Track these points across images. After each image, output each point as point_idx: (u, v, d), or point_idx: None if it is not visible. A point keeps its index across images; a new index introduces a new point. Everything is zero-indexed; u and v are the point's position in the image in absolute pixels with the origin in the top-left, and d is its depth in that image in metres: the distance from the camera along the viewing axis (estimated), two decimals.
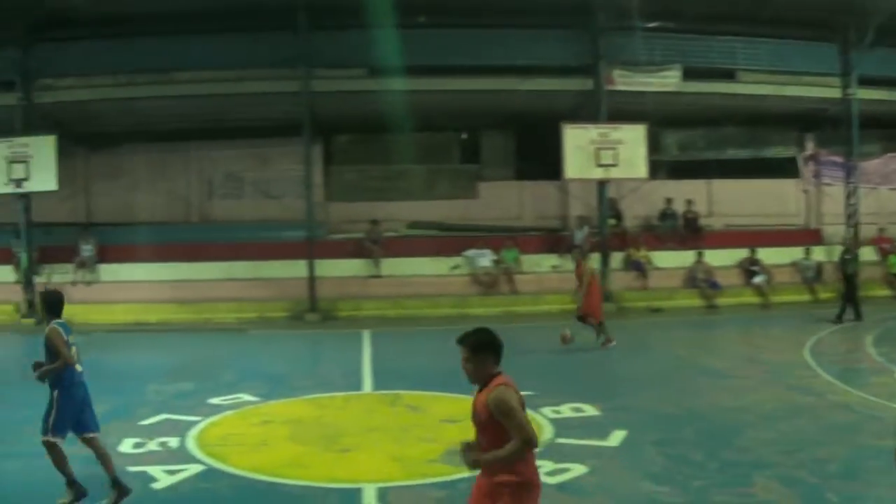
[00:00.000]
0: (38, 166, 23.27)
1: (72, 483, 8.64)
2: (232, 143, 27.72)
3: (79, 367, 8.84)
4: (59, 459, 8.64)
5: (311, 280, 23.61)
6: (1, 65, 23.52)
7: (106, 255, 25.34)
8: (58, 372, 8.58)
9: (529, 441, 5.55)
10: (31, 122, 23.78)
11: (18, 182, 23.42)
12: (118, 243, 25.62)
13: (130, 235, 25.97)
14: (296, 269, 23.65)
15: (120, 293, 24.34)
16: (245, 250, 24.82)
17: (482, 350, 5.75)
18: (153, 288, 24.18)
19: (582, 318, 17.77)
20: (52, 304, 9.16)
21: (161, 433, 11.24)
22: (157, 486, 9.18)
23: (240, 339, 20.88)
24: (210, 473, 9.56)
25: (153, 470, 9.61)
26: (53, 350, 8.58)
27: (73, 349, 8.73)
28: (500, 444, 5.56)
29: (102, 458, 8.80)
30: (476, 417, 5.67)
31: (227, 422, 12.09)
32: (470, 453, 5.59)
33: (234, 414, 12.51)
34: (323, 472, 9.44)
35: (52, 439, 8.55)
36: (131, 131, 27.12)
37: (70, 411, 8.64)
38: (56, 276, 24.92)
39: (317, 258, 23.68)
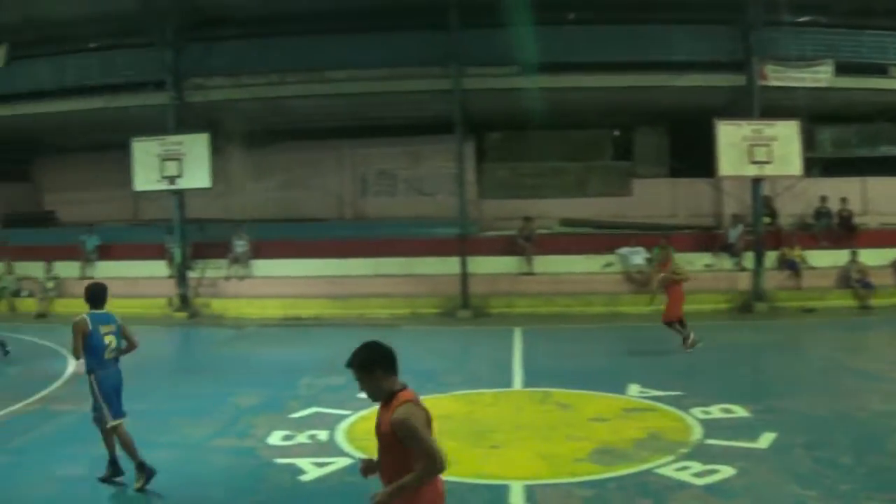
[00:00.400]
0: (192, 164, 23.98)
1: (112, 462, 9.47)
2: (385, 141, 28.13)
3: (109, 355, 9.47)
4: (112, 440, 9.46)
5: (464, 277, 23.71)
6: (154, 65, 24.37)
7: (259, 250, 25.97)
8: (88, 361, 9.38)
9: (437, 465, 5.17)
10: (184, 121, 24.50)
11: (172, 179, 24.16)
12: (271, 239, 26.26)
13: (284, 231, 26.74)
14: (448, 265, 23.76)
15: (273, 288, 24.98)
16: (397, 247, 25.10)
17: (369, 367, 5.40)
18: (306, 283, 24.70)
19: (670, 323, 17.35)
20: (93, 295, 9.71)
21: (311, 426, 11.55)
22: (305, 478, 9.44)
23: (391, 335, 20.72)
24: (358, 467, 9.70)
25: (302, 462, 9.90)
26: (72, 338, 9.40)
27: (109, 338, 9.42)
28: (404, 464, 5.20)
29: (125, 444, 9.40)
30: (380, 436, 5.34)
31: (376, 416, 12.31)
32: (374, 496, 5.19)
33: None
34: (471, 469, 9.41)
35: (113, 423, 9.34)
36: (284, 129, 27.80)
37: (112, 392, 9.40)
38: (209, 271, 25.90)
39: (469, 255, 23.79)
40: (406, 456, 5.14)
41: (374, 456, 5.34)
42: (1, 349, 18.38)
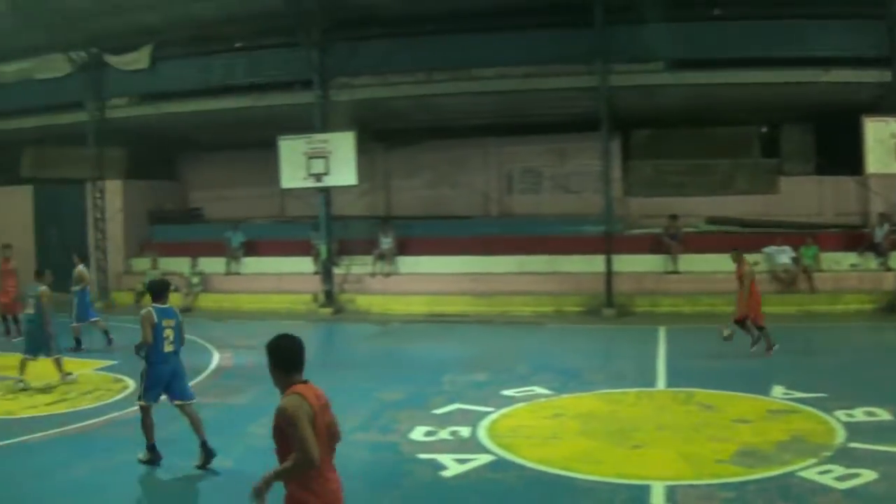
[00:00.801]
0: (338, 162, 24.38)
1: (151, 448, 10.56)
2: (531, 139, 28.27)
3: (168, 348, 10.62)
4: (146, 422, 10.62)
5: (608, 275, 23.62)
6: (300, 64, 25.00)
7: (405, 247, 26.55)
8: (147, 350, 10.52)
9: (307, 458, 5.27)
10: (330, 119, 25.07)
11: (319, 177, 24.63)
12: (417, 236, 26.82)
13: (429, 229, 27.19)
14: (593, 263, 23.75)
15: (418, 285, 25.45)
16: (542, 244, 25.30)
17: (271, 359, 5.70)
18: (451, 280, 25.08)
19: (741, 322, 17.07)
20: (155, 290, 11.06)
21: (453, 422, 11.85)
22: (446, 473, 9.73)
23: (535, 333, 21.22)
24: (499, 464, 10.01)
25: (443, 458, 10.21)
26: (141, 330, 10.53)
27: (168, 332, 10.60)
28: (286, 455, 5.38)
29: (193, 423, 10.61)
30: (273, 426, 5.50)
31: (519, 414, 12.54)
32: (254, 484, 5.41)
33: (526, 406, 12.95)
34: (612, 468, 9.60)
35: (143, 403, 10.62)
36: (430, 127, 28.25)
37: (155, 382, 10.61)
38: (355, 267, 26.55)
39: (614, 253, 23.69)
40: (289, 446, 5.37)
41: (515, 455, 5.65)
42: (105, 338, 19.45)
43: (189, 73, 27.15)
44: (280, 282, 27.25)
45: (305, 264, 27.26)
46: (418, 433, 11.37)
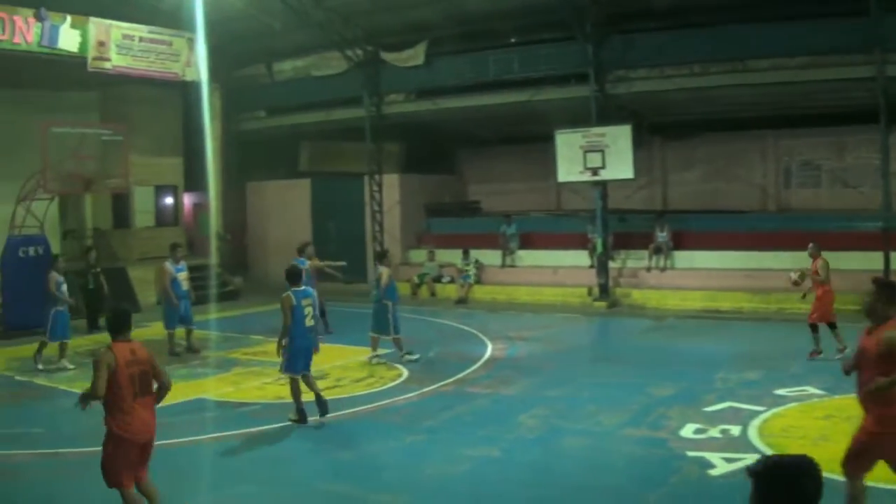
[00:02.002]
0: (614, 155, 25.24)
1: (300, 410, 13.05)
2: (807, 131, 28.34)
3: (309, 322, 13.34)
4: (294, 390, 13.13)
5: (886, 273, 22.88)
6: (575, 58, 26.05)
7: (681, 241, 27.00)
8: (288, 327, 13.09)
9: (92, 393, 8.22)
10: (605, 113, 25.89)
11: (595, 170, 25.64)
12: (693, 230, 27.30)
13: (705, 223, 27.68)
14: (870, 261, 23.38)
15: (693, 280, 25.79)
16: (821, 240, 24.37)
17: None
18: (726, 275, 25.25)
19: (814, 325, 17.14)
20: (291, 275, 13.62)
21: (723, 421, 12.31)
22: (713, 472, 10.21)
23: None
24: None
25: (712, 456, 10.68)
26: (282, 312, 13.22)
27: (308, 309, 13.27)
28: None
29: (310, 386, 13.22)
30: None
31: (791, 414, 12.85)
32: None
33: (798, 406, 13.25)
34: (881, 473, 9.17)
35: (287, 375, 13.23)
36: (706, 120, 28.85)
37: (297, 354, 13.18)
38: (630, 261, 27.39)
39: (893, 250, 23.35)
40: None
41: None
42: (323, 326, 21.09)
43: (463, 69, 28.75)
44: (555, 275, 28.29)
45: (581, 258, 28.17)
46: (688, 430, 11.85)
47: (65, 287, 18.98)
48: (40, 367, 18.26)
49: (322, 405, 13.18)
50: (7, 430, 10.90)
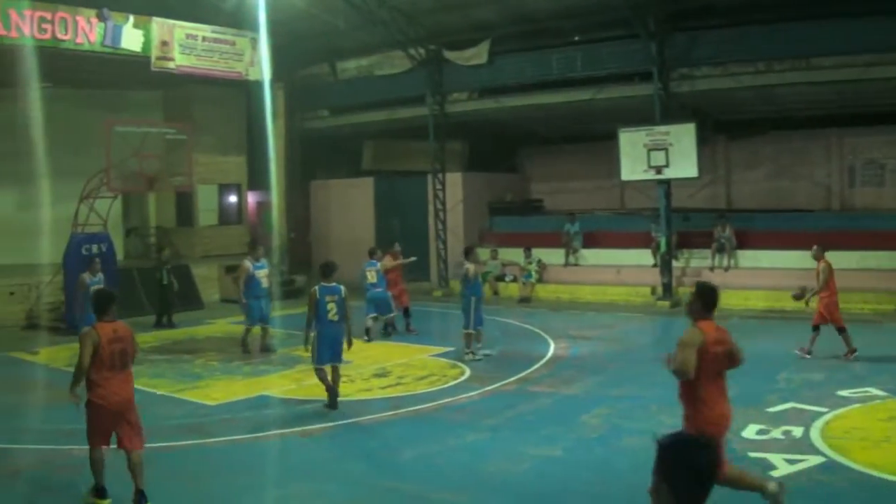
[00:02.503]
0: (678, 154, 25.31)
1: (331, 391, 14.03)
2: (872, 129, 28.17)
3: (332, 317, 14.05)
4: (321, 379, 14.09)
5: None
6: (638, 56, 26.13)
7: (745, 241, 26.94)
8: (312, 320, 14.08)
9: (77, 371, 9.50)
10: (669, 111, 25.92)
11: (658, 169, 25.76)
12: (757, 230, 27.25)
13: (769, 222, 27.65)
14: None
15: (756, 279, 25.76)
16: (884, 240, 24.91)
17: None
18: (789, 275, 24.41)
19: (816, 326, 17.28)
20: (322, 270, 14.65)
21: (786, 422, 12.28)
22: (775, 473, 10.07)
23: (874, 331, 20.79)
24: (829, 466, 10.34)
25: (773, 458, 10.65)
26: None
27: (331, 305, 14.00)
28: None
29: (335, 378, 14.17)
30: None
31: (853, 415, 12.76)
32: None
33: (861, 407, 13.19)
34: None
35: (316, 366, 14.09)
36: (770, 118, 28.75)
37: (321, 346, 14.03)
38: (693, 260, 27.38)
39: None
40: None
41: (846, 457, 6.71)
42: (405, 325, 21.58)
43: (526, 68, 28.98)
44: (618, 274, 28.43)
45: (644, 257, 28.27)
46: (750, 431, 11.79)
47: (94, 289, 19.32)
48: None
49: (332, 398, 14.11)
50: (69, 426, 11.16)
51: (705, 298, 8.87)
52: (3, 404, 10.34)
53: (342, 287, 14.36)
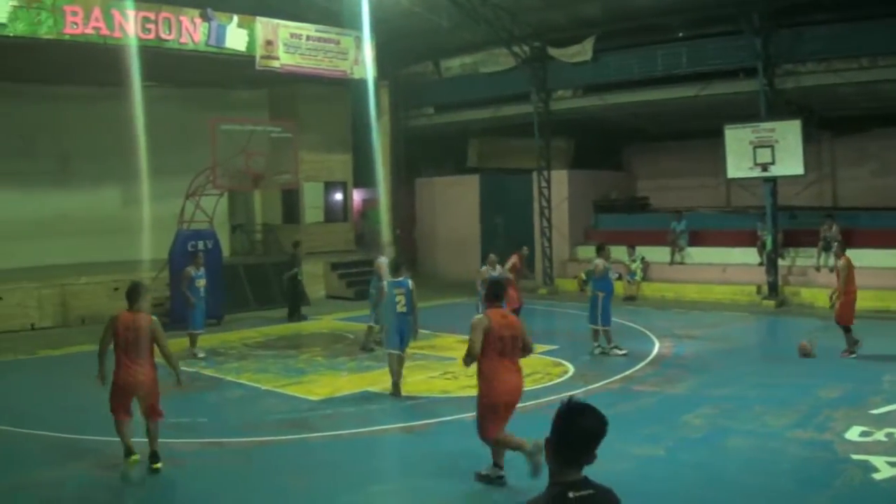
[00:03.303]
0: (784, 151, 25.09)
1: (396, 385, 15.00)
2: None
3: (400, 309, 14.91)
4: (391, 365, 15.08)
5: None
6: (743, 52, 26.00)
7: (851, 239, 25.67)
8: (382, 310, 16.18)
9: (100, 346, 10.78)
10: (774, 108, 25.75)
11: (765, 166, 25.56)
12: (864, 228, 26.84)
13: (876, 220, 27.27)
14: None
15: (863, 279, 24.26)
16: None
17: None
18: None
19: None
20: (392, 267, 15.82)
21: (890, 423, 12.14)
22: (877, 476, 10.07)
23: None
24: None
25: (876, 460, 10.55)
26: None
27: (399, 297, 14.93)
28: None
29: (400, 364, 15.11)
30: None
31: None
32: None
33: None
34: None
35: (390, 351, 15.09)
36: (875, 115, 28.36)
37: (391, 333, 15.08)
38: (799, 259, 27.13)
39: None
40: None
41: None
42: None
43: (631, 64, 29.03)
44: (724, 272, 28.30)
45: (750, 255, 28.06)
46: (853, 433, 11.69)
47: (199, 283, 20.07)
48: (201, 354, 19.52)
49: (396, 388, 15.08)
50: (174, 420, 11.60)
51: (493, 290, 10.65)
52: (105, 399, 10.68)
53: (409, 281, 15.25)
